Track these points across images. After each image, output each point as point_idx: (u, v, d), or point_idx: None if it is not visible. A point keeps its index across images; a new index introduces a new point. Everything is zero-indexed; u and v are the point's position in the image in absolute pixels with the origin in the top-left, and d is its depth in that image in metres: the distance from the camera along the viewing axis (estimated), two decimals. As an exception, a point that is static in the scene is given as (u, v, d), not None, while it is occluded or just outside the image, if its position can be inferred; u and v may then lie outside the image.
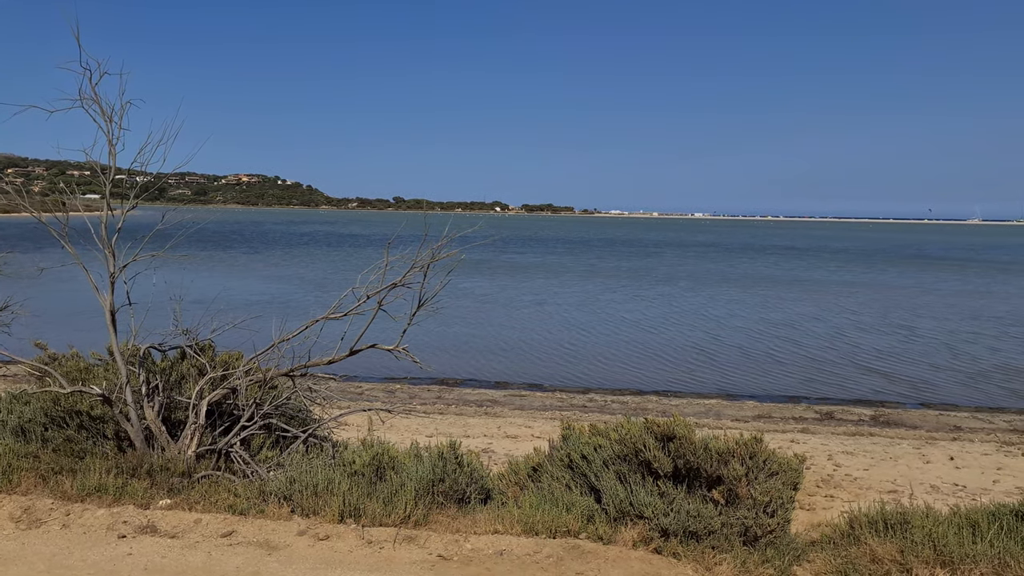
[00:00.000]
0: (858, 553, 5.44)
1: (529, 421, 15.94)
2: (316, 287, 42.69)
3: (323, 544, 5.32)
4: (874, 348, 26.39)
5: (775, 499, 5.76)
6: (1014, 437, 15.48)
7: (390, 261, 7.22)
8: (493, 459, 11.69)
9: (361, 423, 11.12)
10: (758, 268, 66.83)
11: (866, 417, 17.29)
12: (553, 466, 6.46)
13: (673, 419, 6.08)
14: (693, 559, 5.29)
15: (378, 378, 19.83)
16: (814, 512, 9.17)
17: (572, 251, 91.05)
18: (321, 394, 7.72)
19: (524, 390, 19.82)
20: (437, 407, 17.46)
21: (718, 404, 18.40)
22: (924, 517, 5.69)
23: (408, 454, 6.53)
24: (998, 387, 20.90)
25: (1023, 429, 16.32)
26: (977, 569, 5.15)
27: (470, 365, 22.89)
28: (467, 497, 6.21)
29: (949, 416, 17.51)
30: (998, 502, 6.09)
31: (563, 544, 5.35)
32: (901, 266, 73.26)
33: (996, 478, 11.97)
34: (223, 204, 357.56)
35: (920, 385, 21.05)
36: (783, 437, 14.56)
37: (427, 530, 5.55)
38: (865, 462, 12.80)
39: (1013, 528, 5.54)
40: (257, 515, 5.75)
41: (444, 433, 13.73)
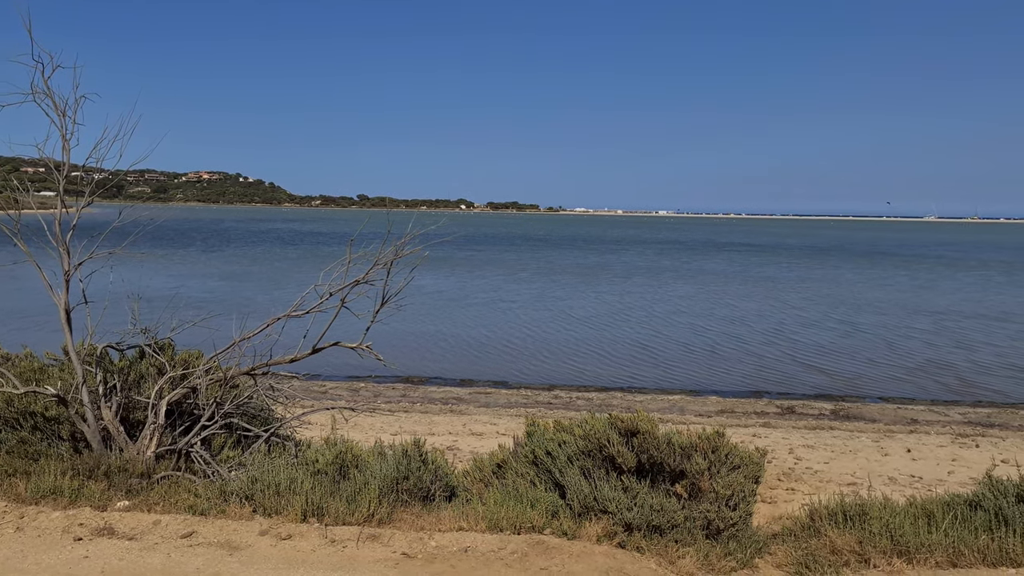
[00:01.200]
0: (818, 545, 5.52)
1: (494, 418, 15.94)
2: (276, 285, 42.25)
3: (286, 544, 5.26)
4: (831, 343, 26.80)
5: (737, 492, 5.83)
6: (968, 429, 15.83)
7: (353, 258, 7.16)
8: (458, 456, 11.67)
9: (324, 422, 11.02)
10: (716, 265, 67.62)
11: (826, 411, 17.56)
12: (518, 463, 6.47)
13: (637, 415, 6.11)
14: (656, 553, 5.33)
15: (342, 376, 19.68)
16: (775, 505, 9.29)
17: (534, 248, 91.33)
18: (283, 393, 7.64)
19: (489, 388, 19.81)
20: (402, 405, 17.38)
21: (682, 400, 18.56)
22: (882, 508, 5.80)
23: (372, 452, 6.49)
24: (952, 380, 21.36)
25: (976, 422, 16.69)
26: (932, 558, 5.25)
27: (435, 363, 22.83)
28: (432, 495, 6.19)
29: (906, 409, 17.85)
30: (952, 492, 6.22)
31: (528, 540, 5.35)
32: (854, 262, 74.79)
33: (951, 469, 12.23)
34: (183, 202, 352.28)
35: (878, 379, 21.42)
36: (745, 431, 14.72)
37: (391, 528, 5.52)
38: (825, 455, 12.99)
39: (966, 517, 5.66)
40: (218, 515, 5.67)
41: (409, 431, 13.67)
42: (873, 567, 5.19)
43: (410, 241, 7.26)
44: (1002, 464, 11.98)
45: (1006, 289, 48.14)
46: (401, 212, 7.97)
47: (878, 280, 53.94)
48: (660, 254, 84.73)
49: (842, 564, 5.23)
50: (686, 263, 70.18)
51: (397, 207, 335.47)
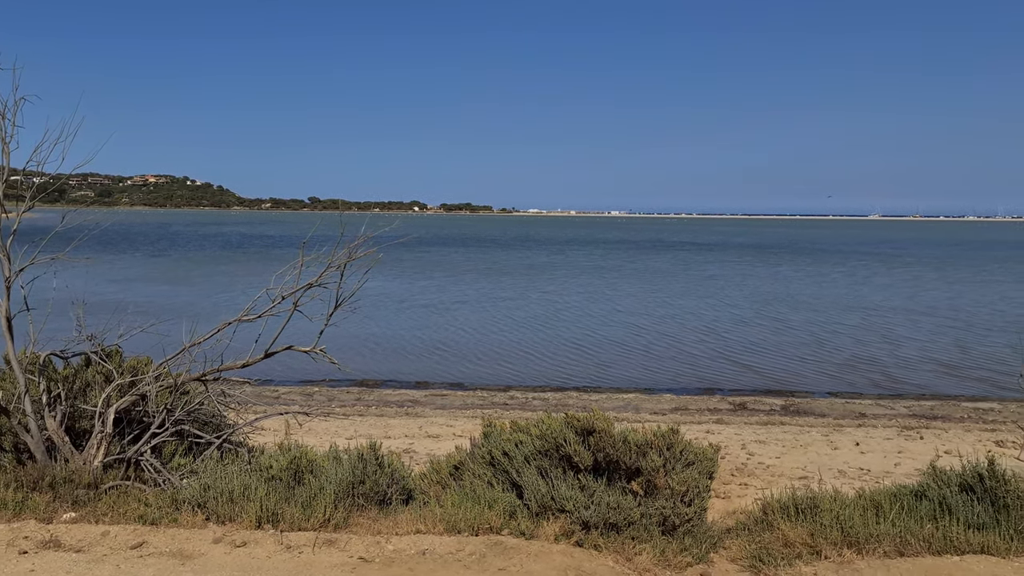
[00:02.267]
0: (771, 538, 5.62)
1: (451, 420, 15.90)
2: (226, 289, 41.59)
3: (240, 551, 5.18)
4: (774, 340, 27.29)
5: (692, 488, 5.90)
6: (913, 422, 16.25)
7: (305, 261, 7.08)
8: (415, 459, 11.62)
9: (278, 427, 10.89)
10: (662, 264, 68.70)
11: (777, 406, 17.88)
12: (475, 464, 6.46)
13: (593, 413, 6.15)
14: (614, 550, 5.37)
15: (295, 381, 19.45)
16: (729, 500, 9.43)
17: (485, 249, 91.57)
18: (235, 398, 7.52)
19: (445, 389, 19.76)
20: (357, 409, 17.24)
21: (636, 398, 18.73)
22: (832, 501, 5.92)
23: (327, 457, 6.42)
24: (896, 372, 21.92)
25: (921, 414, 17.14)
26: (881, 548, 5.38)
27: (390, 365, 22.69)
28: (388, 498, 6.15)
29: (854, 404, 18.26)
30: (899, 484, 6.39)
31: (486, 541, 5.35)
32: (795, 259, 76.75)
33: (897, 461, 12.54)
34: (129, 206, 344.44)
35: (822, 374, 21.89)
36: (699, 428, 14.92)
37: (348, 533, 5.47)
38: (777, 450, 13.23)
39: (912, 507, 5.82)
40: (169, 524, 5.56)
41: (364, 435, 13.55)
42: (824, 558, 5.30)
43: (364, 243, 7.20)
44: (945, 455, 12.33)
45: (937, 285, 49.62)
46: (354, 214, 7.90)
47: (817, 277, 55.48)
48: (609, 254, 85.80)
49: (795, 556, 5.33)
50: (631, 262, 71.56)
51: (349, 209, 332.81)
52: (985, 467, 5.95)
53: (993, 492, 5.78)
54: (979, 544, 5.36)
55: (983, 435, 14.69)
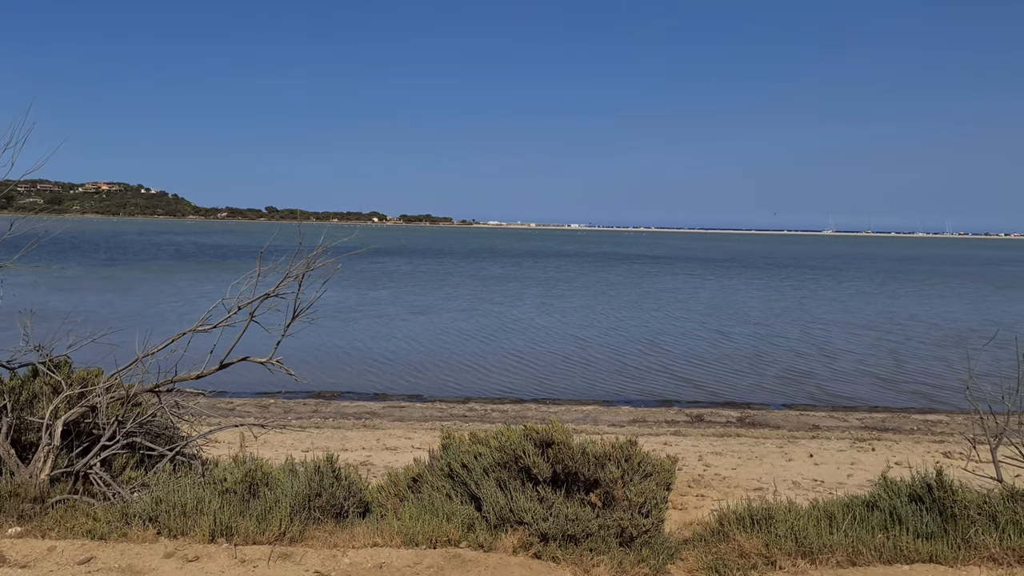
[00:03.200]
0: (727, 549, 5.67)
1: (409, 432, 15.80)
2: (179, 299, 40.89)
3: (192, 565, 5.08)
4: (736, 351, 27.65)
5: (649, 500, 5.94)
6: (865, 434, 16.54)
7: (262, 271, 7.01)
8: (372, 472, 11.51)
9: (233, 440, 10.72)
10: (619, 277, 69.47)
11: (733, 418, 18.07)
12: (433, 476, 6.43)
13: (552, 425, 6.17)
14: (572, 562, 5.38)
15: (251, 393, 19.17)
16: (686, 511, 9.49)
17: (440, 261, 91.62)
18: (189, 410, 7.39)
19: (404, 401, 19.63)
20: (313, 421, 17.05)
21: (595, 410, 18.80)
22: (787, 512, 6.01)
23: (283, 469, 6.34)
24: (836, 386, 22.33)
25: (873, 426, 17.47)
26: (833, 558, 5.47)
27: (348, 377, 22.49)
28: (345, 511, 6.09)
29: (809, 416, 18.54)
30: (852, 494, 6.50)
31: (444, 554, 5.32)
32: (743, 272, 78.43)
33: (850, 472, 12.74)
34: (80, 213, 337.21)
35: (782, 386, 22.20)
36: (656, 440, 15.01)
37: (303, 546, 5.40)
38: (733, 461, 13.36)
39: (864, 518, 5.93)
40: (119, 539, 5.44)
41: (321, 447, 13.41)
42: (779, 568, 5.37)
43: (322, 254, 7.15)
44: (896, 466, 12.58)
45: (880, 299, 50.84)
46: (312, 224, 7.84)
47: (766, 290, 56.64)
48: (568, 266, 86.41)
49: (750, 567, 5.39)
50: (585, 274, 72.30)
51: (308, 219, 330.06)
52: (934, 478, 6.08)
53: (941, 502, 5.92)
54: (928, 553, 5.47)
55: (932, 446, 15.01)
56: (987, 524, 5.69)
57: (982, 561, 5.41)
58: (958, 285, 65.94)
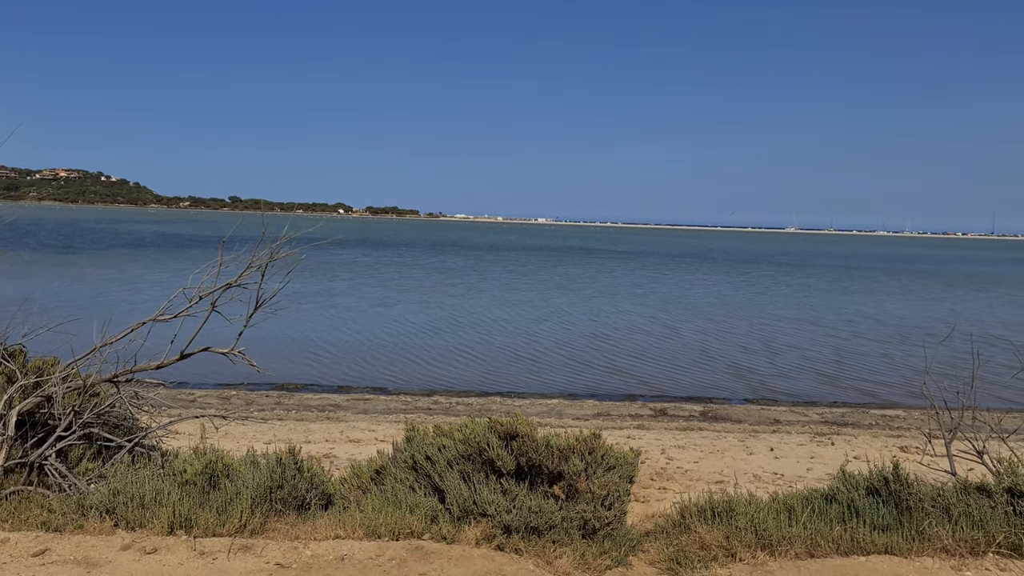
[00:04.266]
0: (688, 541, 5.73)
1: (373, 425, 15.72)
2: (139, 288, 40.23)
3: (150, 558, 5.00)
4: (698, 346, 27.92)
5: (612, 492, 5.97)
6: (824, 428, 16.81)
7: (225, 261, 6.91)
8: (335, 464, 11.44)
9: (193, 431, 10.56)
10: (582, 271, 69.93)
11: (696, 413, 18.25)
12: (397, 468, 6.40)
13: (516, 418, 6.17)
14: (534, 554, 5.39)
15: (212, 384, 18.94)
16: (648, 504, 9.57)
17: (401, 253, 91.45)
18: (149, 401, 7.28)
19: (368, 394, 19.53)
20: (276, 413, 16.89)
21: (560, 404, 18.87)
22: (747, 504, 6.08)
23: (244, 461, 6.27)
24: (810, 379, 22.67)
25: (832, 421, 17.75)
26: (792, 549, 5.55)
27: (311, 369, 22.31)
28: (307, 503, 6.04)
29: (770, 410, 18.79)
30: (811, 487, 6.60)
31: (406, 546, 5.30)
32: (704, 267, 79.52)
33: (810, 466, 12.94)
34: (37, 200, 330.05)
35: (743, 381, 22.46)
36: (620, 433, 15.11)
37: (264, 538, 5.35)
38: (695, 455, 13.50)
39: (823, 510, 6.02)
40: (75, 531, 5.34)
41: (283, 439, 13.30)
42: (739, 560, 5.43)
43: (286, 244, 7.07)
44: (854, 460, 12.79)
45: (828, 295, 51.72)
46: (276, 215, 7.76)
47: (719, 285, 57.61)
48: (529, 260, 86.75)
49: (710, 559, 5.45)
50: (546, 267, 72.86)
51: (272, 210, 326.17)
52: (890, 471, 6.20)
53: (897, 495, 6.03)
54: (884, 545, 5.58)
55: (889, 441, 15.30)
56: (941, 516, 5.82)
57: (935, 552, 5.53)
58: (909, 282, 67.40)
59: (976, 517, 5.77)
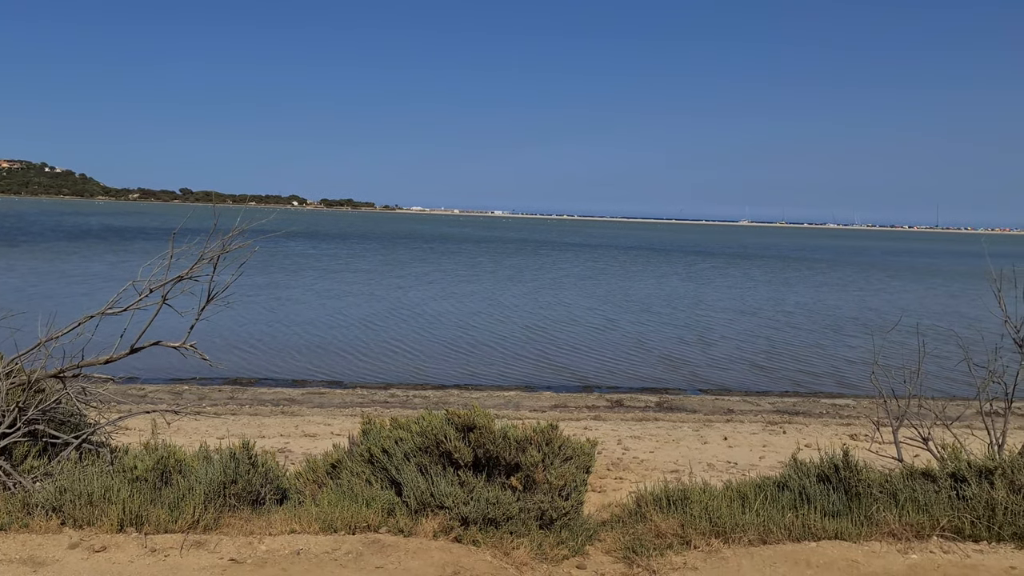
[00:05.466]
0: (644, 529, 5.79)
1: (329, 419, 15.58)
2: (86, 281, 39.27)
3: (99, 556, 4.90)
4: (656, 337, 28.21)
5: (569, 483, 6.01)
6: (776, 417, 17.11)
7: (176, 253, 6.78)
8: (290, 458, 11.31)
9: (144, 427, 10.35)
10: (526, 260, 70.47)
11: (652, 403, 18.44)
12: (353, 462, 6.36)
13: (474, 410, 6.17)
14: (492, 545, 5.40)
15: (163, 379, 18.60)
16: (605, 494, 9.64)
17: (350, 244, 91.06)
18: (97, 396, 7.11)
19: (323, 387, 19.35)
20: (229, 408, 16.64)
21: (517, 395, 18.91)
22: (702, 493, 6.16)
23: (197, 456, 6.18)
24: (762, 368, 23.06)
25: (784, 410, 18.08)
26: (746, 536, 5.64)
27: (265, 363, 22.02)
28: (262, 498, 5.97)
29: (723, 400, 19.06)
30: (763, 475, 6.72)
31: (363, 539, 5.27)
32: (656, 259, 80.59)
33: (762, 454, 13.15)
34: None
35: (697, 371, 22.76)
36: (577, 424, 15.20)
37: (218, 534, 5.27)
38: (651, 445, 13.64)
39: (775, 497, 6.13)
40: (20, 529, 5.20)
41: (237, 434, 13.08)
42: (694, 548, 5.50)
43: (238, 235, 6.96)
44: (805, 448, 13.02)
45: (769, 287, 52.79)
46: (228, 207, 7.63)
47: (665, 276, 58.78)
48: (487, 251, 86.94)
49: (666, 547, 5.51)
50: (496, 259, 73.24)
51: (224, 202, 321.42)
52: (840, 459, 6.33)
53: (847, 481, 6.17)
54: (834, 530, 5.70)
55: (839, 429, 15.63)
56: (888, 502, 5.96)
57: (883, 537, 5.67)
58: (850, 274, 69.08)
59: (921, 502, 5.93)
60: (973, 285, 55.45)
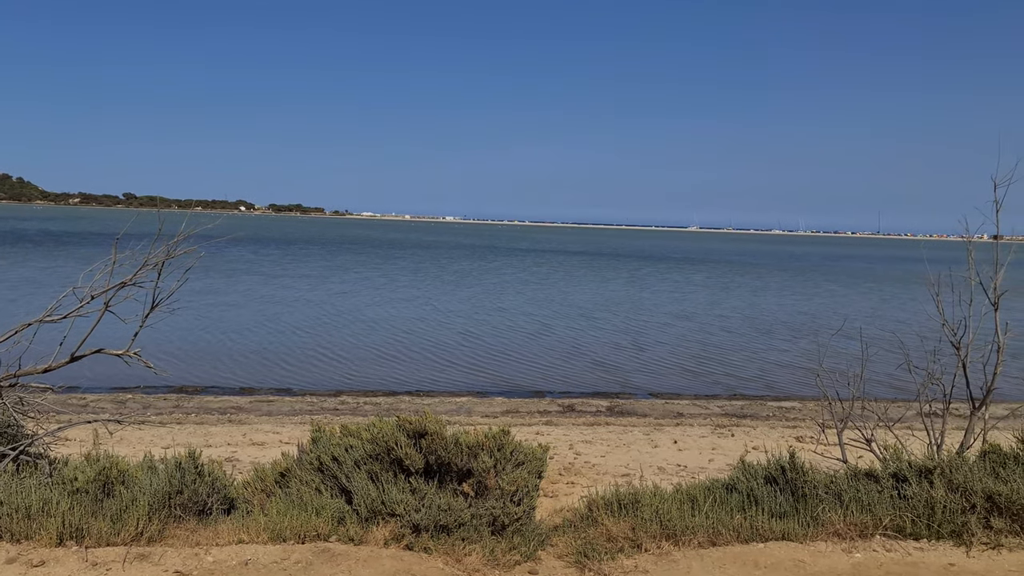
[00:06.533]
0: (596, 533, 5.82)
1: (277, 427, 15.36)
2: (21, 288, 38.09)
3: (37, 571, 4.75)
4: (605, 342, 28.41)
5: (521, 488, 6.00)
6: (725, 420, 17.36)
7: (119, 258, 6.63)
8: (238, 468, 11.12)
9: (86, 437, 10.10)
10: (470, 266, 70.83)
11: (603, 408, 18.56)
12: (302, 470, 6.27)
13: (425, 416, 6.13)
14: (444, 552, 5.37)
15: (106, 388, 18.13)
16: (557, 498, 9.67)
17: (294, 250, 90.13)
18: (36, 406, 6.90)
19: (272, 395, 19.07)
20: (175, 416, 16.30)
21: (469, 401, 18.87)
22: (652, 496, 6.22)
23: (141, 467, 6.03)
24: (710, 372, 23.38)
25: (732, 413, 18.35)
26: (695, 538, 5.71)
27: (212, 370, 21.61)
28: (209, 508, 5.85)
29: (673, 404, 19.27)
30: (713, 478, 6.81)
31: (312, 548, 5.20)
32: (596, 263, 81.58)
33: (711, 457, 13.33)
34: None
35: (648, 375, 22.98)
36: (529, 430, 15.22)
37: (163, 546, 5.15)
38: (602, 449, 13.72)
39: (724, 500, 6.21)
40: (-47, 546, 5.02)
41: (183, 443, 12.83)
42: (645, 551, 5.55)
43: (184, 241, 6.83)
44: (753, 451, 13.25)
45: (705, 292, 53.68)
46: (173, 212, 7.47)
47: (603, 281, 59.37)
48: (433, 257, 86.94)
49: (617, 550, 5.55)
50: (448, 264, 73.46)
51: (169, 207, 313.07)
52: (787, 460, 6.45)
53: (793, 483, 6.28)
54: (781, 531, 5.80)
55: (786, 431, 15.92)
56: (833, 502, 6.09)
57: (828, 536, 5.78)
58: (787, 277, 70.67)
59: (865, 501, 6.07)
60: (905, 290, 57.15)
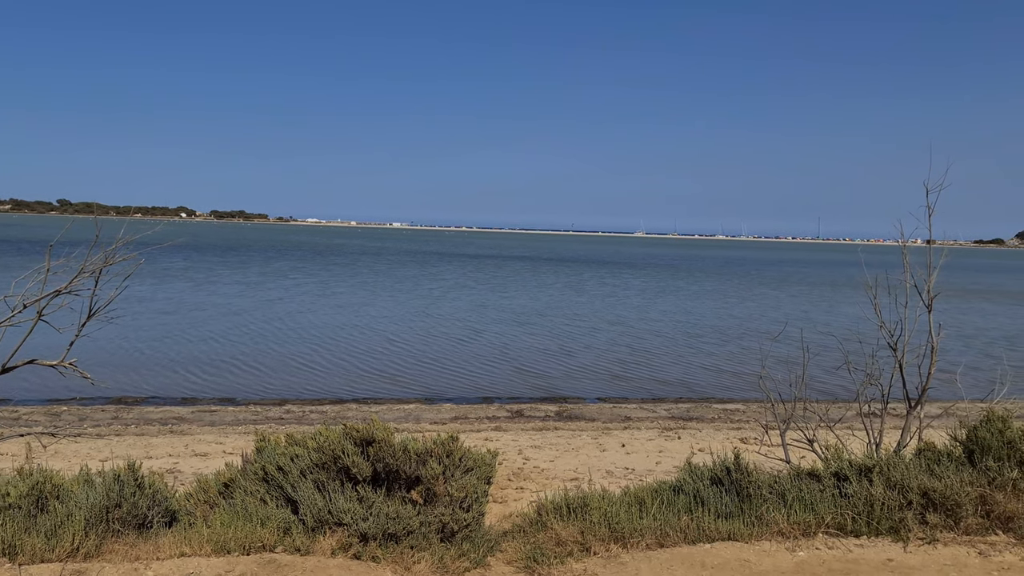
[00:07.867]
0: (545, 538, 5.83)
1: (221, 437, 15.03)
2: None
3: (-33, 592, 4.57)
4: (554, 347, 28.54)
5: (470, 494, 5.99)
6: (672, 423, 17.56)
7: (53, 266, 6.44)
8: (180, 479, 10.85)
9: (18, 451, 9.76)
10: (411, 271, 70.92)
11: (552, 412, 18.62)
12: (247, 480, 6.16)
13: (372, 424, 6.08)
14: (392, 560, 5.33)
15: (39, 400, 17.50)
16: (506, 504, 9.65)
17: (234, 256, 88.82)
18: (-36, 420, 6.66)
19: (215, 405, 18.67)
20: (114, 428, 15.82)
21: (417, 408, 18.75)
22: (601, 500, 6.26)
23: (77, 480, 5.85)
24: (654, 378, 23.65)
25: (678, 416, 18.57)
26: (644, 541, 5.76)
27: (152, 380, 21.08)
28: (149, 521, 5.70)
29: (621, 408, 19.43)
30: (660, 480, 6.88)
31: (258, 560, 5.11)
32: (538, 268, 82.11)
33: (659, 460, 13.47)
34: None
35: (596, 379, 23.13)
36: (478, 436, 15.18)
37: (100, 561, 5.00)
38: (551, 454, 13.76)
39: (671, 501, 6.29)
40: None
41: (122, 455, 12.46)
42: (593, 554, 5.58)
43: (122, 248, 6.67)
44: (699, 452, 13.42)
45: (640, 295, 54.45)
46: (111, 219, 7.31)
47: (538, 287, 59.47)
48: (375, 262, 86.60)
49: (566, 554, 5.57)
50: (392, 270, 73.27)
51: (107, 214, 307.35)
52: (732, 462, 6.55)
53: (738, 484, 6.38)
54: (727, 532, 5.89)
55: (731, 433, 16.16)
56: (777, 502, 6.21)
57: (772, 536, 5.89)
58: (722, 282, 72.15)
59: (808, 501, 6.20)
60: (833, 293, 58.72)
